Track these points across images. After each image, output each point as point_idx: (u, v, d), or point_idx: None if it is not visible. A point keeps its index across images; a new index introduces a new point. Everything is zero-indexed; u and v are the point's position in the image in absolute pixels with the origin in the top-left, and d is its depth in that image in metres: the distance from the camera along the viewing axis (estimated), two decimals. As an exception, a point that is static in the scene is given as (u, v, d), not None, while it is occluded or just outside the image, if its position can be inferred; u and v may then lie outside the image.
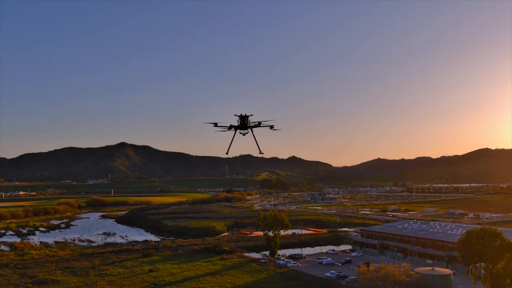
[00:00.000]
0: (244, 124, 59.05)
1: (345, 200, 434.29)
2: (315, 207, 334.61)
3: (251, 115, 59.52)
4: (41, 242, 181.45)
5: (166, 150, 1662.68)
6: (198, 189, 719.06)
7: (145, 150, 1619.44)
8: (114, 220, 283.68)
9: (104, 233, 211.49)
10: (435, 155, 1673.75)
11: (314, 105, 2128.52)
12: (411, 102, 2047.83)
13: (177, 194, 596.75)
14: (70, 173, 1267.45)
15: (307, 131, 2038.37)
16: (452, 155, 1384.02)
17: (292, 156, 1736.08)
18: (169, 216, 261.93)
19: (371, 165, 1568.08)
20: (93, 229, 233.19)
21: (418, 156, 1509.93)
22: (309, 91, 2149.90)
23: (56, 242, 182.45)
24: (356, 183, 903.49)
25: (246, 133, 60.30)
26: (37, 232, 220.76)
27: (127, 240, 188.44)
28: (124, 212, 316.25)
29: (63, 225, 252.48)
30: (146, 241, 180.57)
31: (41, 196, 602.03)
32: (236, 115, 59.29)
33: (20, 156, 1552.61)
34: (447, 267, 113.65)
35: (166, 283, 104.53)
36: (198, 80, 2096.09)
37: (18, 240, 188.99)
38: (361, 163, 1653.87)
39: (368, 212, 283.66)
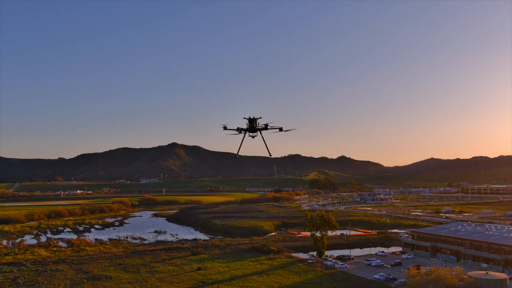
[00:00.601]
0: (252, 126, 58.83)
1: (396, 201, 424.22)
2: (364, 208, 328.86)
3: (260, 117, 59.21)
4: (96, 239, 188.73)
5: (216, 150, 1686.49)
6: (247, 189, 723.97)
7: (196, 150, 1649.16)
8: (165, 218, 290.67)
9: (155, 231, 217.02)
10: (492, 154, 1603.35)
11: (365, 104, 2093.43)
12: (467, 99, 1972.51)
13: (226, 194, 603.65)
14: (124, 172, 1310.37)
15: (357, 131, 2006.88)
16: (511, 155, 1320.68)
17: (342, 156, 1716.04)
18: (217, 215, 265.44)
19: (424, 165, 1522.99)
20: (145, 227, 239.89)
21: (474, 156, 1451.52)
22: (361, 89, 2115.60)
23: (110, 239, 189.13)
24: (408, 183, 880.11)
25: (255, 136, 60.21)
26: (92, 230, 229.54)
27: (177, 238, 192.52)
28: (175, 211, 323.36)
29: (117, 223, 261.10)
30: (195, 239, 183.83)
31: (97, 194, 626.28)
32: (245, 118, 59.01)
33: (78, 156, 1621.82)
34: (503, 271, 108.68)
35: (214, 281, 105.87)
36: (246, 83, 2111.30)
37: (75, 237, 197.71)
38: (414, 163, 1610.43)
39: (420, 214, 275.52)
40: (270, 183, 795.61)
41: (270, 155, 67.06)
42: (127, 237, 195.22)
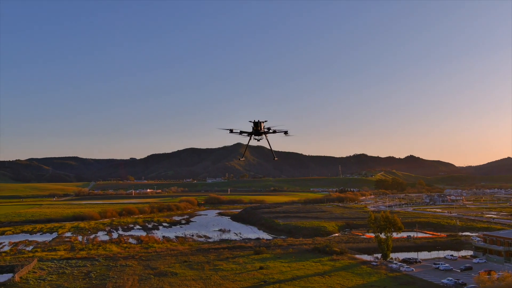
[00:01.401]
0: (257, 130, 59.08)
1: (469, 202, 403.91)
2: (434, 210, 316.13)
3: (265, 121, 59.60)
4: (163, 237, 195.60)
5: (280, 150, 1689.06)
6: (311, 189, 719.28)
7: (260, 150, 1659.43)
8: (229, 217, 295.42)
9: (220, 230, 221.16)
10: None
11: (435, 101, 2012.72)
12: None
13: (290, 194, 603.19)
14: (191, 172, 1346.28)
15: (427, 129, 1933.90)
16: None
17: (410, 155, 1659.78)
18: (281, 215, 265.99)
19: (500, 165, 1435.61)
20: (210, 225, 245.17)
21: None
22: (431, 85, 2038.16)
23: (176, 237, 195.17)
24: (482, 184, 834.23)
25: (261, 139, 60.43)
26: (160, 227, 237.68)
27: (240, 237, 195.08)
28: (239, 210, 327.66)
29: (183, 221, 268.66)
30: (258, 238, 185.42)
31: (165, 193, 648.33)
32: (250, 121, 59.49)
33: (148, 156, 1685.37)
34: None
35: (276, 281, 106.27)
36: (309, 81, 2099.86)
37: (144, 234, 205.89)
38: (489, 163, 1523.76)
39: (495, 216, 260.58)
40: (335, 183, 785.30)
41: (274, 159, 67.98)
42: (192, 235, 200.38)
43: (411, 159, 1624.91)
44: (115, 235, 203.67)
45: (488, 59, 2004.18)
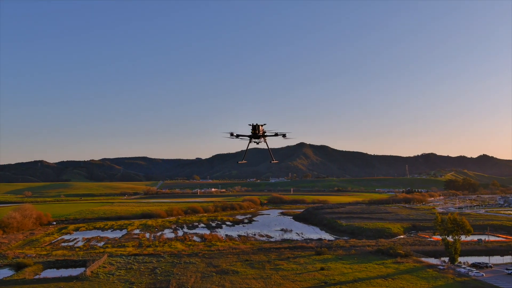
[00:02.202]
0: (255, 133, 59.93)
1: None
2: (508, 212, 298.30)
3: (264, 124, 60.30)
4: (226, 235, 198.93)
5: (344, 150, 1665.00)
6: (376, 189, 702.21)
7: (323, 150, 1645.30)
8: (291, 217, 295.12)
9: (282, 230, 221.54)
10: None
11: (509, 97, 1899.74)
12: None
13: (354, 194, 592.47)
14: (255, 171, 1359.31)
15: (501, 127, 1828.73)
16: None
17: (483, 154, 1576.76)
18: (343, 215, 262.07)
19: None
20: (272, 225, 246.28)
21: None
22: (502, 81, 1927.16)
23: (239, 235, 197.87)
24: None
25: (260, 142, 61.12)
26: (224, 226, 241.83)
27: (302, 237, 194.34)
28: (301, 210, 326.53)
29: (246, 220, 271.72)
30: (320, 239, 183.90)
31: (229, 193, 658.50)
32: (249, 124, 60.22)
33: (213, 156, 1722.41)
34: None
35: (336, 282, 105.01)
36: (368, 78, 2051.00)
37: (207, 232, 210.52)
38: None
39: None
40: (401, 184, 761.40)
41: (271, 161, 68.17)
42: (254, 234, 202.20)
43: (484, 159, 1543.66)
44: (180, 233, 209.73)
45: None
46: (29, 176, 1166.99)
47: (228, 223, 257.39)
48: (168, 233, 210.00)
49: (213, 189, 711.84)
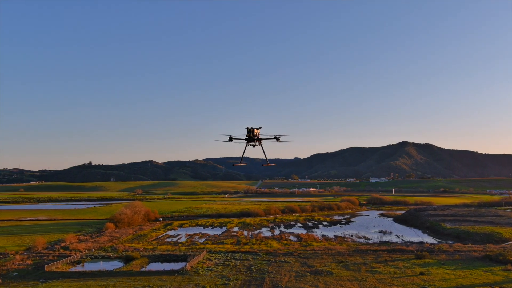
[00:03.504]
0: (250, 137, 61.24)
1: None
2: None
3: (260, 127, 61.90)
4: (322, 235, 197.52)
5: (451, 148, 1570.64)
6: (487, 191, 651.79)
7: (428, 149, 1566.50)
8: (392, 219, 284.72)
9: (381, 231, 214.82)
10: None
11: None
12: None
13: (462, 195, 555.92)
14: (354, 171, 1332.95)
15: None
16: None
17: None
18: (448, 218, 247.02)
19: None
20: (370, 226, 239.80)
21: None
22: None
23: (335, 236, 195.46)
24: None
25: (256, 145, 62.18)
26: (320, 226, 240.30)
27: (402, 240, 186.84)
28: (402, 212, 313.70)
29: (343, 221, 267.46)
30: (421, 242, 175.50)
31: (327, 193, 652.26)
32: (246, 128, 61.33)
33: (312, 156, 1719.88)
34: None
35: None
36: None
37: (304, 232, 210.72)
38: None
39: None
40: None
41: (265, 164, 68.61)
42: (351, 235, 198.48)
43: None
44: (277, 232, 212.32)
45: None
46: (140, 175, 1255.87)
47: (325, 223, 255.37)
48: (265, 232, 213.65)
49: (311, 189, 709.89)
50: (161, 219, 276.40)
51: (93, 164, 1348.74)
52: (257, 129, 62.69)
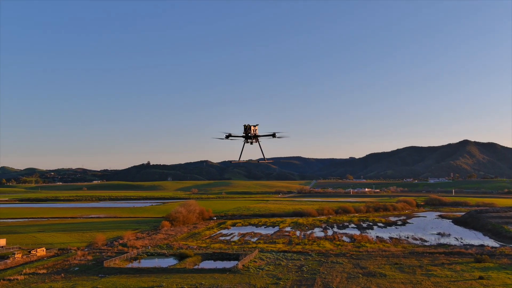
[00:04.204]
0: (247, 134, 62.16)
1: None
2: None
3: (257, 124, 62.48)
4: (377, 237, 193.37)
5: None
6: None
7: (491, 148, 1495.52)
8: (450, 220, 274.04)
9: (438, 233, 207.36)
10: None
11: None
12: None
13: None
14: (412, 171, 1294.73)
15: None
16: None
17: None
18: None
19: None
20: (427, 228, 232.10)
21: None
22: None
23: (390, 237, 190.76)
24: None
25: (253, 142, 63.37)
26: (375, 227, 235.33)
27: (461, 242, 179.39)
28: (462, 213, 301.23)
29: (399, 222, 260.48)
30: (481, 245, 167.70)
31: (383, 193, 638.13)
32: (244, 125, 62.06)
33: (367, 155, 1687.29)
34: None
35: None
36: None
37: (357, 233, 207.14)
38: None
39: None
40: None
41: (263, 160, 68.59)
42: (407, 237, 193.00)
43: None
44: (329, 232, 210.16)
45: None
46: (196, 174, 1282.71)
47: (379, 224, 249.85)
48: (317, 232, 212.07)
49: (366, 189, 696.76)
50: (215, 218, 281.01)
51: (151, 164, 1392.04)
52: (254, 126, 63.24)
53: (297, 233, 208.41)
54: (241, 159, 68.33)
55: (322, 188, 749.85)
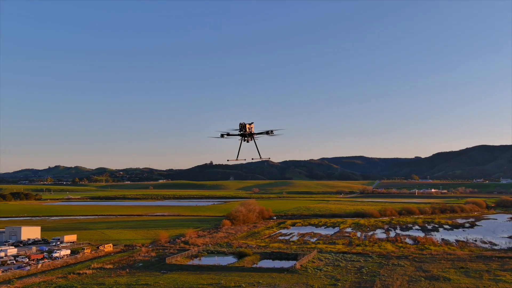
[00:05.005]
0: (243, 132, 63.39)
1: None
2: None
3: (252, 122, 63.67)
4: (442, 239, 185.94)
5: None
6: None
7: None
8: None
9: (509, 237, 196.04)
10: None
11: None
12: None
13: None
14: (482, 171, 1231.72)
15: None
16: None
17: None
18: None
19: None
20: (498, 231, 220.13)
21: None
22: None
23: (457, 240, 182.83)
24: None
25: (249, 140, 64.42)
26: (440, 229, 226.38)
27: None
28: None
29: (467, 224, 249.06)
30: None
31: (451, 194, 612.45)
32: (240, 123, 63.43)
33: (434, 155, 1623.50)
34: None
35: None
36: None
37: (421, 235, 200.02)
38: None
39: None
40: None
41: (261, 158, 68.46)
42: (475, 240, 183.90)
43: None
44: (392, 234, 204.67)
45: None
46: (257, 174, 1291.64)
47: (446, 226, 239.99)
48: (379, 233, 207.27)
49: (432, 190, 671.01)
50: (275, 218, 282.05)
51: (214, 164, 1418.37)
52: (249, 124, 64.07)
53: (358, 234, 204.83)
54: (238, 158, 68.88)
55: (386, 189, 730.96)
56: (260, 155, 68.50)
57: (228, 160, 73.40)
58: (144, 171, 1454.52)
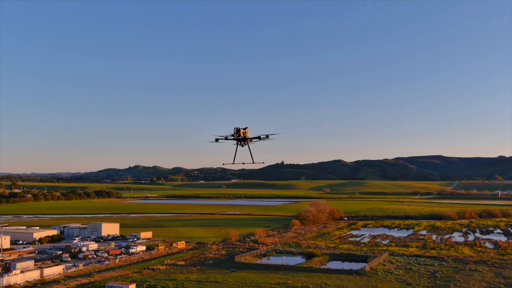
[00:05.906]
0: (238, 136, 63.88)
1: None
2: None
3: (246, 127, 64.23)
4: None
5: None
6: None
7: None
8: None
9: None
10: None
11: None
12: None
13: None
14: None
15: None
16: None
17: None
18: None
19: None
20: None
21: None
22: None
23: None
24: None
25: (244, 145, 64.75)
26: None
27: None
28: None
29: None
30: None
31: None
32: (236, 128, 64.16)
33: None
34: None
35: None
36: None
37: (503, 239, 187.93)
38: None
39: None
40: None
41: (253, 163, 68.22)
42: None
43: None
44: (470, 237, 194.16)
45: None
46: (329, 174, 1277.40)
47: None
48: (456, 237, 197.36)
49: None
50: (345, 218, 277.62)
51: (285, 163, 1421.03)
52: (244, 129, 64.69)
53: (433, 237, 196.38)
54: (234, 162, 68.91)
55: (466, 190, 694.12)
56: (253, 159, 68.66)
57: (223, 164, 74.43)
58: (217, 171, 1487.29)
